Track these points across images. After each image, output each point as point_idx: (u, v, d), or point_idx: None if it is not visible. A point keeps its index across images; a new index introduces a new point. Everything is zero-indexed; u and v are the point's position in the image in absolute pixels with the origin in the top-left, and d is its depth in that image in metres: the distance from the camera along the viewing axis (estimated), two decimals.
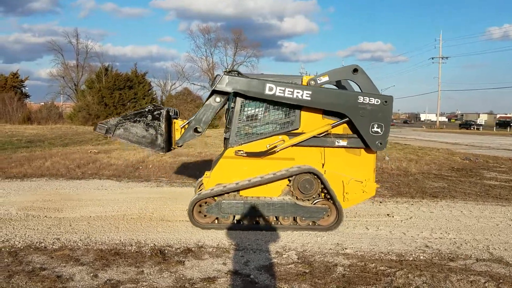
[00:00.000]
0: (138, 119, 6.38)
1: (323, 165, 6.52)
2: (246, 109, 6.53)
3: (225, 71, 6.45)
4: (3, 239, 5.69)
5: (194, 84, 65.95)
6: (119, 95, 42.65)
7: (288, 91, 6.22)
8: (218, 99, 6.52)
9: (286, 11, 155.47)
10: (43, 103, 52.96)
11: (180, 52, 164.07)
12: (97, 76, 46.26)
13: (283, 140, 6.40)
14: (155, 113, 6.39)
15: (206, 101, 6.64)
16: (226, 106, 6.93)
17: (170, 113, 6.73)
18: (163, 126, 6.38)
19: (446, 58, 70.80)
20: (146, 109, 6.43)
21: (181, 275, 4.60)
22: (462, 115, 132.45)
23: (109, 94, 42.51)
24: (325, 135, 6.47)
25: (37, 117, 42.99)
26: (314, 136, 6.43)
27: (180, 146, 6.91)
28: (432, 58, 71.76)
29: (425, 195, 9.37)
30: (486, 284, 4.54)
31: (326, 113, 6.46)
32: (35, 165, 12.11)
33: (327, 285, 4.44)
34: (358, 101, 6.28)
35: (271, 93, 6.25)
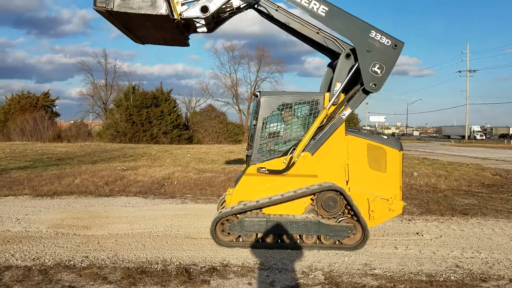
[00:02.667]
0: None
1: (347, 182, 6.44)
2: (268, 126, 6.54)
3: None
4: (33, 257, 5.83)
5: (218, 100, 66.66)
6: (146, 113, 43.65)
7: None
8: None
9: None
10: (72, 121, 54.59)
11: (205, 70, 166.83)
12: (125, 95, 47.48)
13: (304, 156, 6.34)
14: None
15: None
16: (249, 123, 6.88)
17: None
18: None
19: (474, 71, 69.35)
20: None
21: None
22: (492, 128, 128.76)
23: (137, 112, 43.58)
24: (328, 120, 6.36)
25: (67, 135, 44.31)
26: (320, 128, 6.33)
27: (183, 20, 6.28)
28: (460, 71, 70.41)
29: (455, 213, 9.11)
30: None
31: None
32: (64, 183, 12.42)
33: None
34: (370, 35, 6.18)
35: None
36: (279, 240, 6.33)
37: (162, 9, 5.80)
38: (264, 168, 6.41)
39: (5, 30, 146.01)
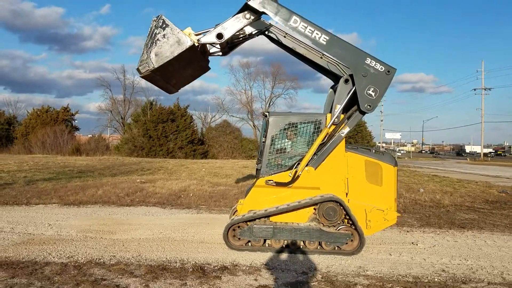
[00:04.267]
0: (156, 39, 6.49)
1: (346, 194, 7.15)
2: (275, 143, 7.31)
3: None
4: (68, 255, 6.67)
5: (233, 116, 67.99)
6: (162, 128, 44.83)
7: (309, 29, 6.88)
8: (248, 15, 6.90)
9: None
10: (91, 136, 56.19)
11: (221, 86, 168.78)
12: (142, 110, 48.97)
13: (308, 170, 7.08)
14: (160, 23, 6.52)
15: (236, 14, 6.94)
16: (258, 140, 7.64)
17: None
18: (174, 26, 6.51)
19: (489, 89, 69.03)
20: (153, 26, 6.55)
21: (218, 287, 5.34)
22: (510, 146, 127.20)
23: (153, 127, 44.78)
24: (329, 137, 7.05)
25: (86, 149, 45.70)
26: (322, 145, 7.02)
27: (200, 45, 6.98)
28: (475, 89, 70.16)
29: (453, 226, 9.67)
30: None
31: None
32: (88, 193, 13.34)
33: None
34: (366, 61, 6.87)
35: (294, 25, 6.89)
36: (284, 245, 7.05)
37: (188, 42, 6.57)
38: (272, 180, 7.15)
39: (28, 46, 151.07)
